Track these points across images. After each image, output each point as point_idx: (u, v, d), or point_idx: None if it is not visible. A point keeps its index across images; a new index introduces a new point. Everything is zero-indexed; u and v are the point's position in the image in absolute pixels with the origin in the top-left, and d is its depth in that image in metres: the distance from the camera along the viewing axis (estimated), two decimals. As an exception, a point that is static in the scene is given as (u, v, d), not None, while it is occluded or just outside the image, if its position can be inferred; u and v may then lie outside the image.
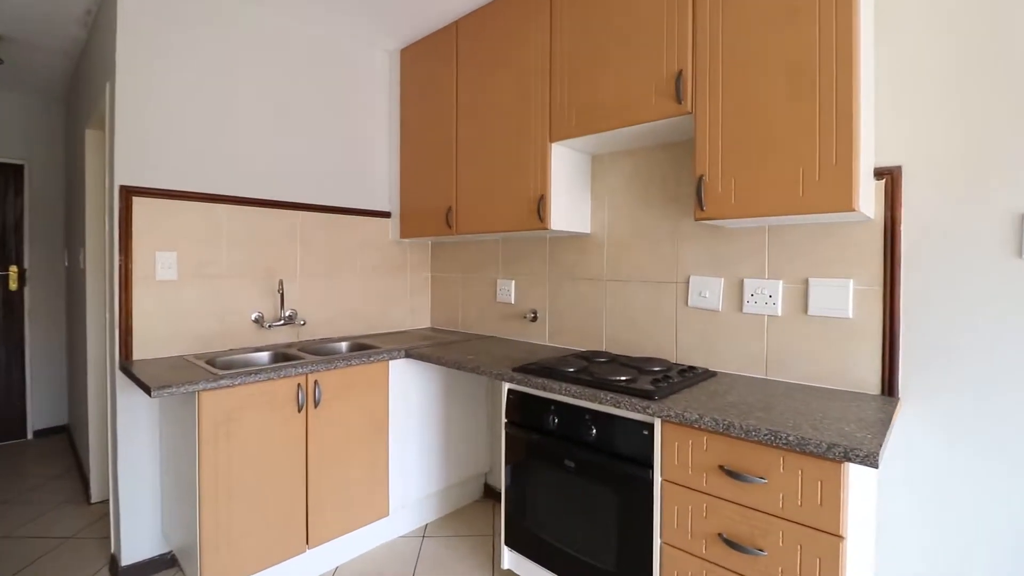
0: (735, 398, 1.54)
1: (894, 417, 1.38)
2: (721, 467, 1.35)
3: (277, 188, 2.52)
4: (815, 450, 1.17)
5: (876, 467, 1.10)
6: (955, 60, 1.47)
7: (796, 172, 1.45)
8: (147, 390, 1.66)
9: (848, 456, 1.13)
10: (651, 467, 1.49)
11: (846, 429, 1.25)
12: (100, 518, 2.59)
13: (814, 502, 1.21)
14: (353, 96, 2.83)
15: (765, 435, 1.25)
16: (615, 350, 2.25)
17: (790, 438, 1.21)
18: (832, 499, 1.18)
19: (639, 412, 1.49)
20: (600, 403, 1.58)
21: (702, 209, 1.65)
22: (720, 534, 1.35)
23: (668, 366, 1.87)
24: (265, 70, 2.48)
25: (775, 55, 1.50)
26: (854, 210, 1.38)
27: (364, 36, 2.79)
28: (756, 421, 1.30)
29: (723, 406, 1.45)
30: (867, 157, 1.48)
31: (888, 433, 1.24)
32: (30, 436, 3.82)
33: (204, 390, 1.75)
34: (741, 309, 1.87)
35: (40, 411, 3.87)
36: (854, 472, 1.22)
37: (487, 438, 2.82)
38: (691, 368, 1.86)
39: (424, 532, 2.47)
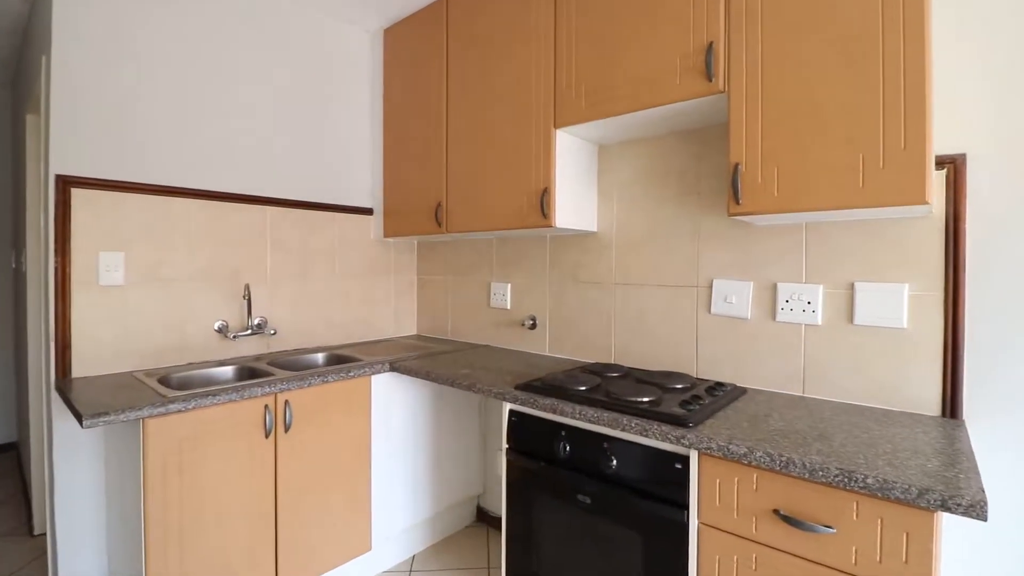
0: (780, 423, 1.31)
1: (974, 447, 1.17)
2: (776, 511, 1.12)
3: (244, 181, 2.23)
4: (902, 496, 0.95)
5: (985, 519, 0.88)
6: (1032, 30, 1.27)
7: (855, 158, 1.23)
8: (79, 418, 1.38)
9: (947, 505, 0.91)
10: (686, 508, 1.26)
11: (929, 466, 1.03)
12: (43, 553, 2.28)
13: (898, 558, 0.98)
14: (331, 80, 2.55)
15: (836, 476, 1.02)
16: (626, 362, 2.02)
17: (869, 480, 0.98)
18: (922, 555, 0.96)
19: (672, 442, 1.26)
20: (623, 430, 1.35)
21: (737, 203, 1.42)
22: (773, 591, 1.13)
23: (692, 382, 1.65)
24: (231, 48, 2.19)
25: (827, 19, 1.28)
26: (927, 203, 1.16)
27: (344, 14, 2.52)
28: (820, 457, 1.08)
29: (770, 435, 1.22)
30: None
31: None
32: (-28, 455, 3.48)
33: (150, 416, 1.47)
34: (774, 317, 1.65)
35: (-16, 428, 3.52)
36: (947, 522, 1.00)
37: (480, 457, 2.57)
38: (719, 385, 1.63)
39: (411, 566, 2.20)
